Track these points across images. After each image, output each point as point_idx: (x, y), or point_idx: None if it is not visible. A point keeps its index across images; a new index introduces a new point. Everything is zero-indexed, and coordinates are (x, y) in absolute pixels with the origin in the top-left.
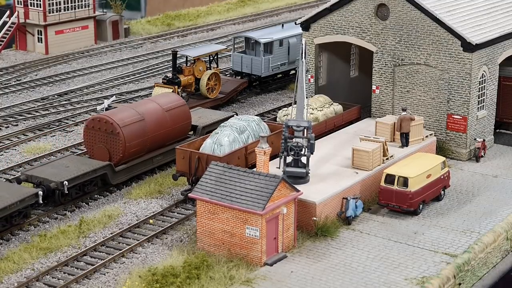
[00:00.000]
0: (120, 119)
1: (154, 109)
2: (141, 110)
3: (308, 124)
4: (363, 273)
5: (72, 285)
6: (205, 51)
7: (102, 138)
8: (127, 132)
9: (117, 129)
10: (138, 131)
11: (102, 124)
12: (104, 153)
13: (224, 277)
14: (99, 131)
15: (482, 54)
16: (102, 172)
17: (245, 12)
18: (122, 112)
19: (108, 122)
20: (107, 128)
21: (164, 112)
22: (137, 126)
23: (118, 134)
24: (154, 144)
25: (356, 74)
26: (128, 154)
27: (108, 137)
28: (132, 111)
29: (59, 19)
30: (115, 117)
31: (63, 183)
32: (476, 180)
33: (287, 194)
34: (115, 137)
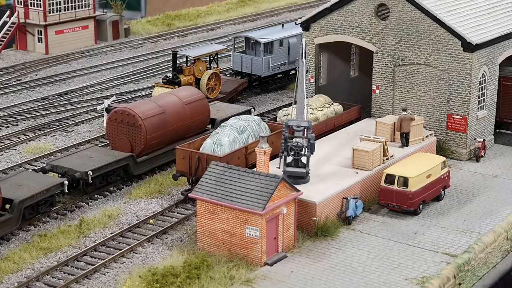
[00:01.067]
0: (142, 112)
1: (174, 102)
2: (162, 103)
3: (308, 124)
4: (363, 273)
5: (72, 285)
6: (205, 51)
7: (124, 130)
8: (148, 124)
9: (139, 121)
10: (159, 123)
11: (125, 116)
12: (126, 145)
13: (224, 277)
14: (121, 123)
15: (482, 54)
16: (124, 163)
17: (245, 12)
18: (144, 105)
19: (130, 114)
20: (129, 120)
21: (184, 105)
22: (158, 119)
23: (140, 126)
24: (174, 136)
25: (356, 74)
26: (149, 146)
27: (130, 129)
28: (153, 104)
29: (59, 19)
30: (137, 109)
31: (88, 173)
32: (476, 180)
33: (287, 194)
34: (137, 129)
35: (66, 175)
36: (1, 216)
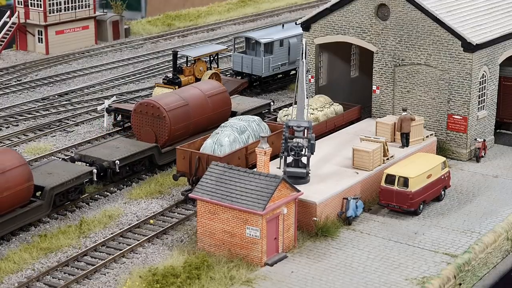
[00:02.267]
0: (166, 104)
1: (197, 95)
2: (185, 95)
3: (308, 124)
4: (363, 273)
5: (72, 285)
6: (206, 51)
7: (149, 121)
8: (172, 116)
9: (163, 113)
10: (182, 115)
11: (150, 108)
12: (151, 136)
13: (224, 277)
14: (146, 115)
15: (483, 54)
16: (149, 153)
17: (245, 12)
18: (168, 97)
19: (155, 106)
20: (154, 112)
21: (206, 98)
22: (182, 111)
23: (164, 117)
24: (197, 128)
25: (357, 74)
26: (173, 137)
27: (155, 120)
28: (177, 97)
29: (59, 19)
30: (162, 101)
31: (115, 162)
32: (477, 180)
33: (288, 194)
34: (161, 121)
35: (95, 164)
36: (33, 203)
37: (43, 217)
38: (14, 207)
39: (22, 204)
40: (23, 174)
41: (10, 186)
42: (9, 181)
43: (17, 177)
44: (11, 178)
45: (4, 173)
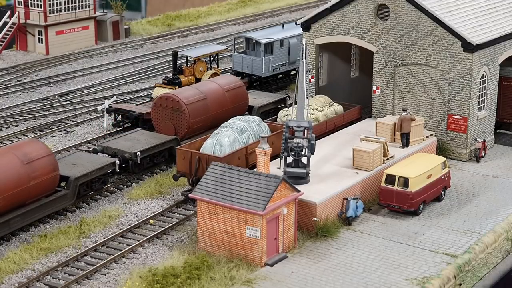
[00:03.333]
0: (185, 97)
1: (215, 89)
2: (203, 89)
3: (308, 125)
4: (363, 273)
5: (72, 285)
6: (206, 52)
7: (169, 114)
8: (191, 109)
9: (183, 107)
10: (201, 108)
11: (169, 102)
12: (170, 128)
13: (224, 277)
14: (166, 108)
15: (483, 55)
16: (169, 145)
17: (245, 13)
18: (187, 91)
19: (175, 100)
20: (174, 105)
21: (224, 92)
22: (200, 104)
23: (184, 111)
24: (215, 121)
25: (357, 74)
26: (192, 130)
27: (175, 113)
28: (196, 91)
29: (59, 19)
30: (181, 95)
31: (136, 154)
32: (477, 180)
33: (288, 195)
34: (181, 114)
35: (117, 156)
36: (58, 192)
37: (68, 206)
38: (40, 196)
39: (48, 193)
40: (49, 164)
41: (37, 176)
42: (36, 170)
43: (43, 167)
44: (38, 167)
45: (31, 163)
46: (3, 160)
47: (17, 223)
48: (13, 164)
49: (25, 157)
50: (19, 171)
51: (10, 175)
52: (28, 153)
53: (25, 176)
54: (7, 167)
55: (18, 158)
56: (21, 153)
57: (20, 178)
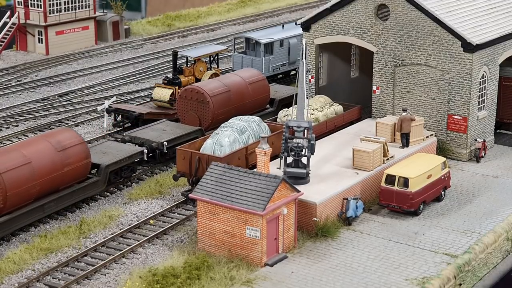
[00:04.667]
0: (210, 90)
1: (238, 82)
2: (227, 82)
3: (308, 125)
4: (363, 273)
5: (72, 285)
6: (206, 52)
7: (194, 106)
8: (215, 101)
9: (207, 98)
10: (224, 100)
11: (194, 94)
12: (195, 119)
13: (224, 277)
14: (191, 100)
15: (483, 55)
16: (194, 135)
17: (245, 13)
18: (211, 83)
19: (199, 92)
20: (199, 97)
21: (247, 85)
22: (224, 96)
23: (208, 102)
24: (238, 112)
25: (357, 74)
26: (216, 121)
27: (199, 105)
28: (219, 83)
29: (59, 19)
30: (206, 87)
31: (163, 143)
32: (477, 180)
33: (288, 195)
34: (205, 105)
35: (144, 145)
36: (90, 179)
37: (99, 193)
38: (73, 182)
39: (80, 180)
40: (81, 151)
41: (70, 163)
42: (69, 157)
43: (76, 154)
44: (71, 155)
45: (64, 150)
46: (39, 147)
47: (51, 207)
48: (48, 151)
49: (59, 144)
50: (54, 158)
51: (45, 162)
52: (62, 141)
53: (59, 162)
54: (42, 154)
55: (52, 145)
56: (55, 141)
57: (55, 165)
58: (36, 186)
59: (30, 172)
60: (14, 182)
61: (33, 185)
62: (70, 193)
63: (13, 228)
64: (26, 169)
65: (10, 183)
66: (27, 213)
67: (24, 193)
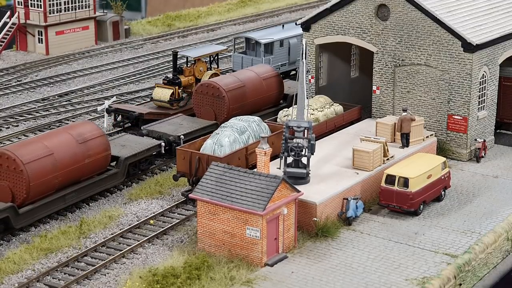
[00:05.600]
0: (225, 85)
1: (253, 77)
2: (242, 77)
3: (308, 125)
4: (363, 273)
5: (72, 285)
6: (206, 52)
7: (209, 101)
8: (231, 96)
9: (222, 93)
10: (239, 95)
11: (210, 89)
12: (211, 114)
13: (224, 277)
14: (206, 95)
15: (483, 55)
16: (210, 130)
17: (245, 13)
18: (227, 78)
19: (215, 87)
20: (214, 92)
21: (261, 80)
22: (239, 91)
23: (224, 97)
24: (252, 107)
25: (357, 74)
26: (231, 115)
27: (215, 100)
28: (235, 78)
29: (59, 19)
30: (221, 83)
31: (180, 137)
32: (477, 180)
33: (288, 195)
34: (220, 100)
35: (161, 139)
36: (109, 171)
37: (118, 184)
38: (94, 173)
39: (100, 172)
40: (101, 144)
41: (91, 154)
42: (89, 149)
43: (96, 147)
44: (91, 147)
45: (85, 142)
46: (60, 139)
47: (72, 198)
48: (69, 143)
49: (80, 137)
50: (75, 150)
51: (67, 154)
52: (83, 133)
53: (80, 154)
54: (64, 146)
55: (74, 138)
56: (76, 133)
57: (76, 157)
58: (58, 177)
59: (52, 164)
60: (37, 173)
61: (55, 176)
62: (91, 184)
63: (35, 218)
64: (49, 160)
65: (33, 174)
66: (49, 203)
67: (46, 183)
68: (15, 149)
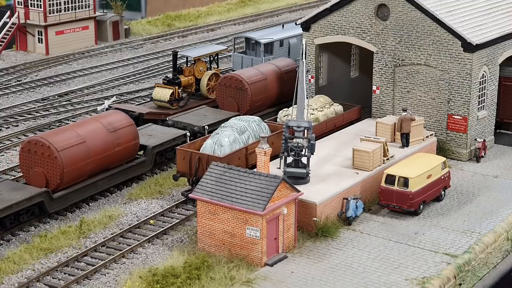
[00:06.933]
0: (248, 77)
1: (274, 70)
2: (263, 70)
3: (308, 125)
4: (363, 273)
5: (72, 285)
6: (206, 52)
7: (232, 93)
8: (253, 88)
9: (245, 86)
10: (261, 88)
11: (233, 81)
12: (233, 106)
13: (224, 277)
14: (229, 87)
15: (483, 55)
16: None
17: (245, 13)
18: (249, 71)
19: (238, 79)
20: (237, 85)
21: (282, 73)
22: (261, 84)
23: (246, 90)
24: (274, 100)
25: (357, 74)
26: (253, 107)
27: (238, 92)
28: (257, 71)
29: (59, 19)
30: (244, 75)
31: (204, 127)
32: (477, 180)
33: (288, 195)
34: (243, 92)
35: (187, 129)
36: (138, 159)
37: (146, 172)
38: (123, 161)
39: (129, 160)
40: (131, 133)
41: (121, 143)
42: (119, 138)
43: (126, 135)
44: (121, 135)
45: (115, 131)
46: (92, 128)
47: (103, 184)
48: (100, 132)
49: (110, 126)
50: (106, 138)
51: (98, 142)
52: (113, 122)
53: (110, 142)
54: (95, 134)
55: (105, 126)
56: (106, 122)
57: (106, 145)
58: (90, 164)
59: (84, 151)
60: (70, 159)
61: (87, 163)
62: (120, 171)
63: (68, 203)
64: (81, 148)
65: (67, 160)
66: (81, 189)
67: (79, 170)
68: (50, 136)
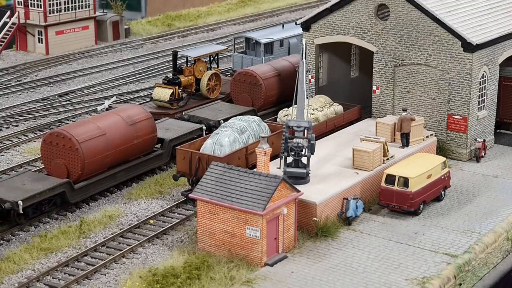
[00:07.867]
0: (262, 73)
1: (287, 66)
2: (277, 66)
3: (308, 125)
4: (363, 273)
5: (72, 285)
6: (206, 52)
7: (247, 88)
8: (267, 84)
9: (260, 81)
10: (275, 83)
11: (248, 77)
12: (248, 101)
13: (224, 277)
14: (244, 82)
15: (483, 54)
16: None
17: (245, 13)
18: (263, 67)
19: (252, 75)
20: (252, 80)
21: (295, 69)
22: (275, 80)
23: (261, 85)
24: (288, 94)
25: (357, 74)
26: (267, 102)
27: (252, 87)
28: (270, 67)
29: (59, 19)
30: (258, 71)
31: (220, 122)
32: (477, 180)
33: (288, 195)
34: (258, 88)
35: (203, 123)
36: (155, 151)
37: (163, 165)
38: (141, 154)
39: (146, 152)
40: (149, 126)
41: (139, 136)
42: (138, 131)
43: (144, 128)
44: (139, 128)
45: (134, 124)
46: (112, 121)
47: (121, 176)
48: (120, 124)
49: (129, 119)
50: (125, 131)
51: (117, 134)
52: (132, 115)
53: (129, 135)
54: (115, 127)
55: (124, 119)
56: (125, 116)
57: (126, 137)
58: (109, 156)
59: (104, 143)
60: (90, 151)
61: (107, 155)
62: (138, 164)
63: (89, 194)
64: (102, 140)
65: (87, 152)
66: (101, 180)
67: (99, 162)
68: (71, 129)
